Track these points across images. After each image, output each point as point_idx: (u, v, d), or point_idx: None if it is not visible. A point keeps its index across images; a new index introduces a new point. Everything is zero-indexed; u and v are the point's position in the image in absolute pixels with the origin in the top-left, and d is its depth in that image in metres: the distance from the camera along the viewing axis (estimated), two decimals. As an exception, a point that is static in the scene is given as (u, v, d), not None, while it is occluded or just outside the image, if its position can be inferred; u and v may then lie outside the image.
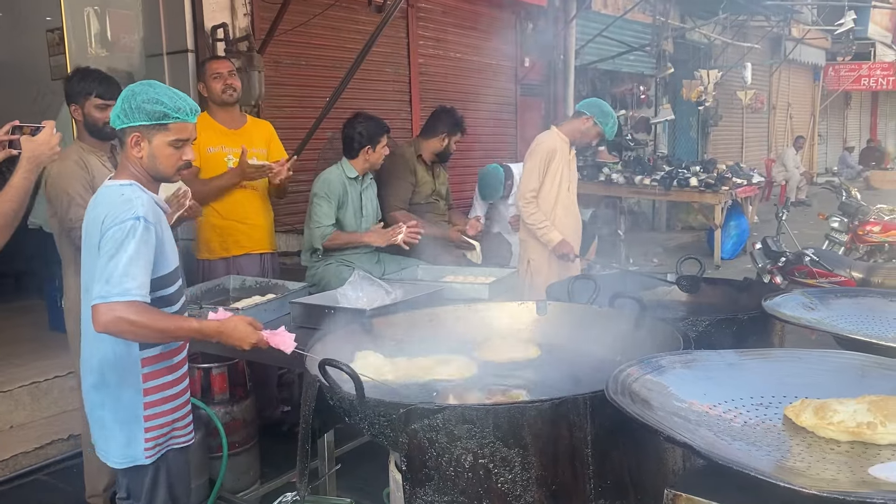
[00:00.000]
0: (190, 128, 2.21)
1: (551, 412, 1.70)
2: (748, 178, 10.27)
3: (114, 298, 1.99)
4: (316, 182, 3.96)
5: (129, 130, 2.16)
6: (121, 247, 2.03)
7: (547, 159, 4.23)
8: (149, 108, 2.13)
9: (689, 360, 1.87)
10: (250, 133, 4.05)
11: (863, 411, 1.57)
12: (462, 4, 7.48)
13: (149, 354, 2.21)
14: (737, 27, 12.07)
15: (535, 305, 2.63)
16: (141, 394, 2.20)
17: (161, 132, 2.16)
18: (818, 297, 2.75)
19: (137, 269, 2.04)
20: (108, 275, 2.02)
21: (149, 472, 2.26)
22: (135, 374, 2.19)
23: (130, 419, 2.21)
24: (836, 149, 22.03)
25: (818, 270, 5.39)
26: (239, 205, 3.96)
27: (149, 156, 2.18)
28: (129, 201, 2.11)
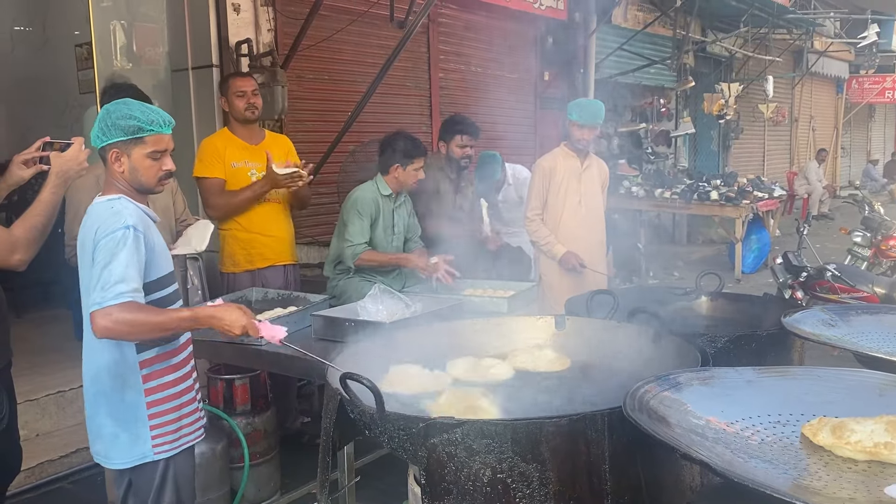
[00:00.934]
0: (166, 139, 2.30)
1: (569, 428, 1.72)
2: (769, 192, 10.20)
3: (108, 303, 2.08)
4: (350, 198, 3.97)
5: (109, 147, 2.26)
6: (113, 255, 2.13)
7: (545, 179, 4.30)
8: (123, 123, 2.22)
9: (706, 377, 1.88)
10: (270, 147, 4.12)
11: (880, 431, 1.57)
12: (482, 19, 7.54)
13: (146, 356, 2.28)
14: (758, 40, 12.03)
15: (553, 320, 2.65)
16: (142, 394, 2.27)
17: (138, 146, 2.25)
18: (838, 314, 2.74)
19: (130, 273, 2.13)
20: (103, 282, 2.10)
21: (158, 471, 2.31)
22: (134, 376, 2.26)
23: (133, 420, 2.27)
24: (859, 162, 21.80)
25: (840, 286, 5.35)
26: (262, 218, 4.04)
27: (130, 169, 2.27)
28: (118, 213, 2.20)
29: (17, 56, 7.47)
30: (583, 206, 4.34)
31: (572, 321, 2.66)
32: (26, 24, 7.56)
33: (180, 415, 2.35)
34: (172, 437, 2.32)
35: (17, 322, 5.69)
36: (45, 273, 5.65)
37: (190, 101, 5.40)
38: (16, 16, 7.58)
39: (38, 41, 7.42)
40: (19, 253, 2.41)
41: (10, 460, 2.82)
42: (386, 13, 5.67)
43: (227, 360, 3.28)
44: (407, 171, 3.96)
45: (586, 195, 4.36)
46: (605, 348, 2.45)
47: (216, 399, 3.33)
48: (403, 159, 3.95)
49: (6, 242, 2.39)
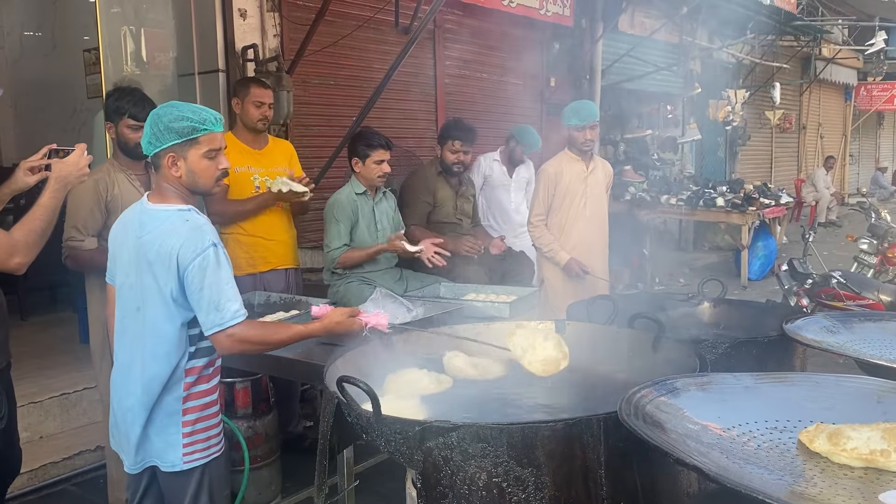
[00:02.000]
0: (219, 137, 2.29)
1: (565, 432, 1.72)
2: (776, 199, 10.17)
3: (229, 323, 2.16)
4: (327, 205, 4.01)
5: (163, 153, 2.23)
6: (213, 274, 2.18)
7: (551, 183, 4.29)
8: (177, 126, 2.19)
9: (704, 383, 1.88)
10: (273, 153, 4.16)
11: (876, 438, 1.57)
12: (488, 25, 7.55)
13: (194, 365, 2.29)
14: (765, 47, 12.01)
15: (553, 325, 2.65)
16: (181, 402, 2.27)
17: (194, 147, 2.23)
18: (841, 321, 2.73)
19: (232, 291, 2.21)
20: (215, 303, 2.16)
21: (194, 479, 2.30)
22: (178, 384, 2.27)
23: (168, 426, 2.27)
24: (868, 169, 21.70)
25: (845, 293, 5.32)
26: (264, 221, 4.06)
27: (187, 172, 2.24)
28: (198, 228, 2.21)
29: (26, 61, 7.53)
30: (588, 209, 4.35)
31: (573, 326, 2.66)
32: (35, 29, 7.62)
33: (209, 425, 2.35)
34: (202, 446, 2.31)
35: (22, 325, 5.75)
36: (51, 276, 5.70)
37: (196, 106, 5.43)
38: (25, 22, 7.65)
39: (46, 47, 7.48)
40: (18, 256, 2.42)
41: (10, 462, 2.83)
42: (391, 19, 5.71)
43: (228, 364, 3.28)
44: (367, 165, 3.96)
45: (591, 198, 4.36)
46: (604, 353, 2.45)
47: (218, 402, 3.33)
48: (361, 152, 3.97)
49: (6, 245, 2.40)
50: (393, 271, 4.05)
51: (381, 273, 3.96)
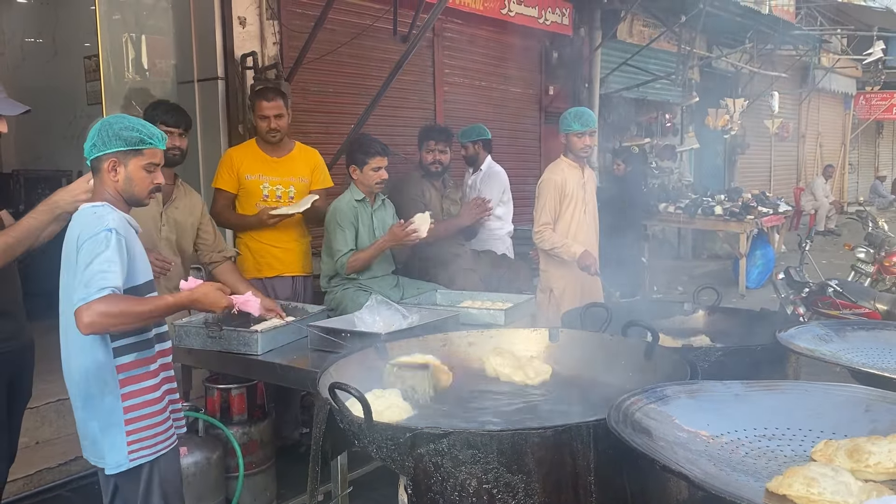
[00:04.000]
0: (160, 154, 2.40)
1: (554, 439, 1.73)
2: (774, 207, 10.19)
3: (91, 297, 2.12)
4: (328, 212, 4.02)
5: (105, 157, 2.33)
6: (95, 255, 2.18)
7: (558, 191, 4.30)
8: (126, 134, 2.32)
9: (694, 391, 1.89)
10: (294, 161, 4.20)
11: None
12: (487, 33, 7.59)
13: (123, 361, 2.31)
14: (764, 56, 12.05)
15: (547, 332, 2.66)
16: (119, 399, 2.30)
17: (136, 157, 2.34)
18: (834, 330, 2.74)
19: (112, 270, 2.18)
20: (87, 280, 2.15)
21: (142, 478, 2.34)
22: (112, 381, 2.30)
23: (112, 425, 2.31)
24: (867, 178, 21.75)
25: (842, 301, 5.34)
26: (275, 229, 4.09)
27: (125, 179, 2.35)
28: (100, 217, 2.27)
29: (27, 68, 7.56)
30: (587, 215, 4.39)
31: (566, 333, 2.67)
32: (36, 35, 7.65)
33: (155, 421, 2.37)
34: (149, 444, 2.34)
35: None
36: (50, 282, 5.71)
37: (196, 114, 5.45)
38: (26, 28, 7.68)
39: (47, 53, 7.51)
40: None
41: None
42: (390, 27, 5.72)
43: (224, 370, 3.30)
44: (364, 172, 3.98)
45: (589, 204, 4.42)
46: (597, 361, 2.46)
47: (213, 408, 3.34)
48: (358, 159, 3.99)
49: None
50: (390, 278, 4.07)
51: (378, 280, 3.98)
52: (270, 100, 4.09)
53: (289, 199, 4.14)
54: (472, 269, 4.48)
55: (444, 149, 4.60)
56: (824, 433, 1.74)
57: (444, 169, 4.65)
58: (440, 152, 4.57)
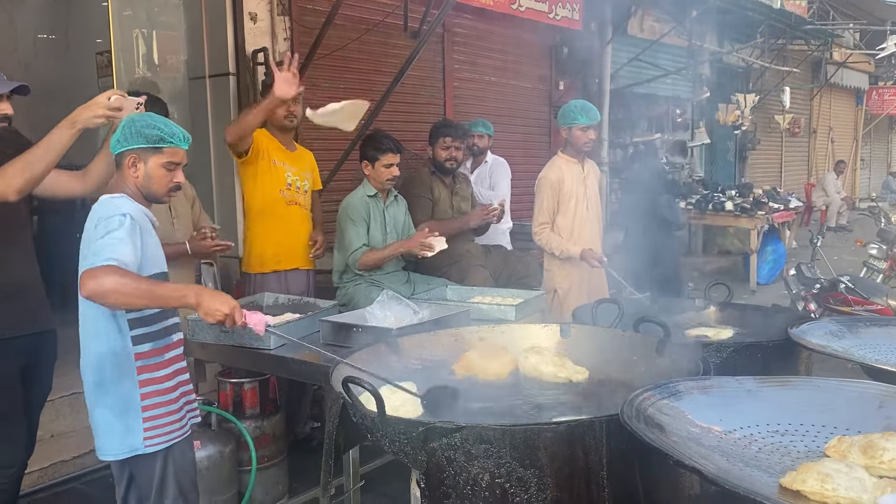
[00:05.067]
0: (181, 153, 2.44)
1: (567, 434, 1.73)
2: (785, 203, 10.15)
3: (98, 264, 2.14)
4: (341, 208, 4.05)
5: (127, 153, 2.39)
6: (108, 232, 2.22)
7: (555, 190, 4.29)
8: (147, 132, 2.37)
9: (706, 386, 1.89)
10: (303, 158, 4.28)
11: None
12: (497, 29, 7.57)
13: (141, 350, 2.36)
14: (776, 51, 11.98)
15: (558, 328, 2.67)
16: (137, 386, 2.35)
17: (156, 155, 2.39)
18: (847, 326, 2.74)
19: (124, 249, 2.20)
20: (97, 250, 2.18)
21: (157, 465, 2.38)
22: (130, 367, 2.35)
23: (128, 410, 2.35)
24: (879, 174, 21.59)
25: (853, 298, 5.32)
26: (291, 221, 4.14)
27: (144, 176, 2.40)
28: (117, 206, 2.32)
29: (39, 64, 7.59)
30: (590, 211, 4.36)
31: (577, 329, 2.67)
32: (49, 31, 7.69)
33: (170, 409, 2.42)
34: (164, 431, 2.38)
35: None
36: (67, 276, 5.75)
37: (207, 109, 5.47)
38: (39, 25, 7.72)
39: (60, 49, 7.54)
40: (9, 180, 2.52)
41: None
42: (400, 23, 5.73)
43: (236, 364, 3.32)
44: (377, 168, 4.01)
45: (591, 200, 4.38)
46: (609, 356, 2.46)
47: (225, 402, 3.37)
48: (370, 156, 4.02)
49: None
50: (401, 274, 4.08)
51: (389, 276, 3.99)
52: None
53: (304, 192, 4.17)
54: (482, 265, 4.48)
55: (460, 145, 4.61)
56: (837, 429, 1.74)
57: (457, 165, 4.65)
58: (456, 149, 4.58)
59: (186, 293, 2.27)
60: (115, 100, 2.58)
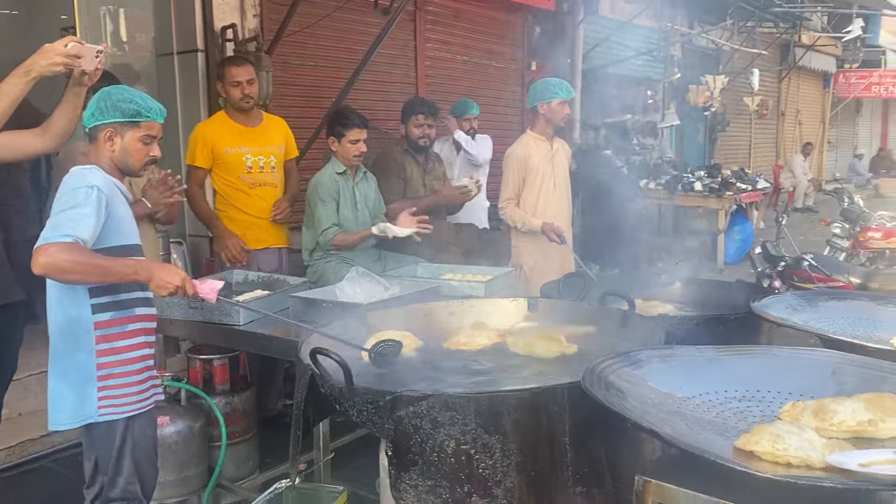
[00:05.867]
0: (157, 127, 2.44)
1: (531, 401, 1.77)
2: (753, 184, 10.30)
3: (54, 239, 2.14)
4: (310, 186, 4.05)
5: (103, 126, 2.38)
6: (72, 205, 2.21)
7: (521, 166, 4.32)
8: (123, 106, 2.37)
9: (667, 355, 1.93)
10: (268, 130, 4.23)
11: (861, 410, 1.60)
12: (470, 7, 7.56)
13: (101, 319, 2.34)
14: (745, 33, 12.09)
15: (526, 302, 2.71)
16: (94, 355, 2.33)
17: (133, 129, 2.39)
18: (806, 300, 2.81)
19: (84, 223, 2.19)
20: (55, 223, 2.18)
21: (116, 436, 2.36)
22: (87, 337, 2.33)
23: (83, 380, 2.33)
24: (845, 156, 21.96)
25: (817, 275, 5.43)
26: (259, 201, 4.15)
27: (120, 150, 2.40)
28: (84, 176, 2.29)
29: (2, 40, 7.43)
30: (557, 189, 4.40)
31: (545, 303, 2.71)
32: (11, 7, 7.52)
33: (130, 381, 2.39)
34: (121, 402, 2.37)
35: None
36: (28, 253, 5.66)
37: (175, 86, 5.41)
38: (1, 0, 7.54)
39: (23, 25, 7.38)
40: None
41: None
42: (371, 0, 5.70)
43: (206, 341, 3.32)
44: (343, 145, 4.00)
45: (559, 177, 4.42)
46: (575, 329, 2.50)
47: (195, 379, 3.36)
48: (337, 131, 4.01)
49: None
50: (371, 251, 4.09)
51: (359, 253, 3.99)
52: (240, 65, 4.12)
53: (270, 168, 4.16)
54: (453, 243, 4.51)
55: (433, 123, 4.62)
56: (792, 395, 1.79)
57: (431, 143, 4.67)
58: (428, 126, 4.58)
59: (137, 268, 2.30)
60: (72, 47, 2.53)
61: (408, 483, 1.83)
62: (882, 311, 2.71)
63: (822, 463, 1.41)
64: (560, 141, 4.57)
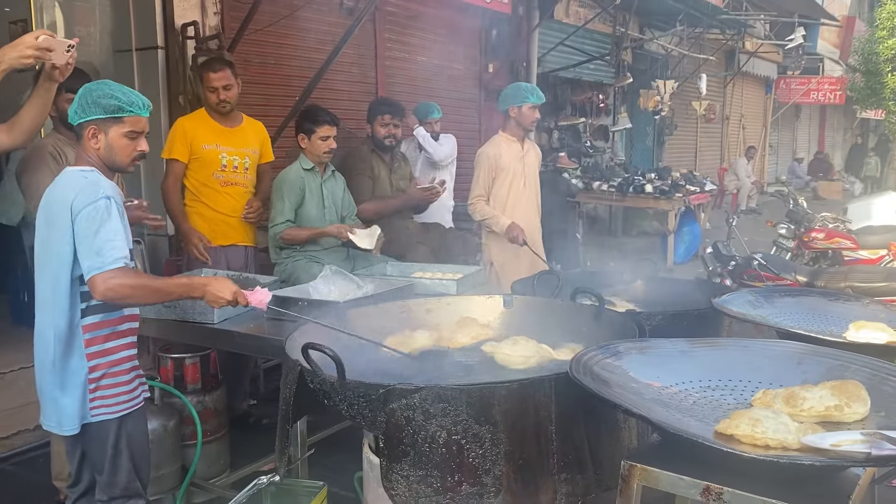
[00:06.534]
0: (143, 121, 2.41)
1: (519, 392, 1.85)
2: (701, 186, 10.60)
3: (108, 267, 2.20)
4: (274, 182, 4.10)
5: (86, 124, 2.35)
6: (101, 223, 2.24)
7: (491, 165, 4.43)
8: (104, 102, 2.33)
9: (644, 347, 2.04)
10: (246, 133, 4.24)
11: (828, 396, 1.72)
12: (428, 10, 7.61)
13: (90, 321, 2.35)
14: (693, 39, 12.43)
15: (501, 299, 2.78)
16: (84, 359, 2.34)
17: (116, 124, 2.36)
18: (764, 296, 2.96)
19: (120, 241, 2.26)
20: (98, 248, 2.21)
21: (110, 436, 2.36)
22: (77, 341, 2.34)
23: (76, 385, 2.33)
24: (786, 159, 22.70)
25: (766, 274, 5.64)
26: (230, 199, 4.16)
27: (106, 147, 2.37)
28: (94, 184, 2.30)
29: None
30: (527, 188, 4.52)
31: (519, 300, 2.79)
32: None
33: (120, 381, 2.40)
34: (114, 402, 2.37)
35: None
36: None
37: (133, 84, 5.32)
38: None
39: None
40: None
41: None
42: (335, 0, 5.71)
43: (180, 339, 3.31)
44: (313, 141, 4.04)
45: (529, 178, 4.54)
46: (550, 324, 2.58)
47: (166, 377, 3.35)
48: (307, 128, 4.06)
49: None
50: (340, 250, 4.12)
51: (328, 252, 4.03)
52: (217, 70, 4.09)
53: (244, 169, 4.18)
54: (421, 241, 4.57)
55: (398, 123, 4.67)
56: (762, 384, 1.91)
57: (396, 142, 4.71)
58: (394, 126, 4.64)
59: (191, 286, 2.43)
60: (43, 39, 2.48)
61: (399, 474, 1.88)
62: (833, 306, 2.89)
63: (798, 444, 1.52)
64: (531, 142, 4.68)
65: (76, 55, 2.69)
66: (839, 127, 27.92)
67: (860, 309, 2.81)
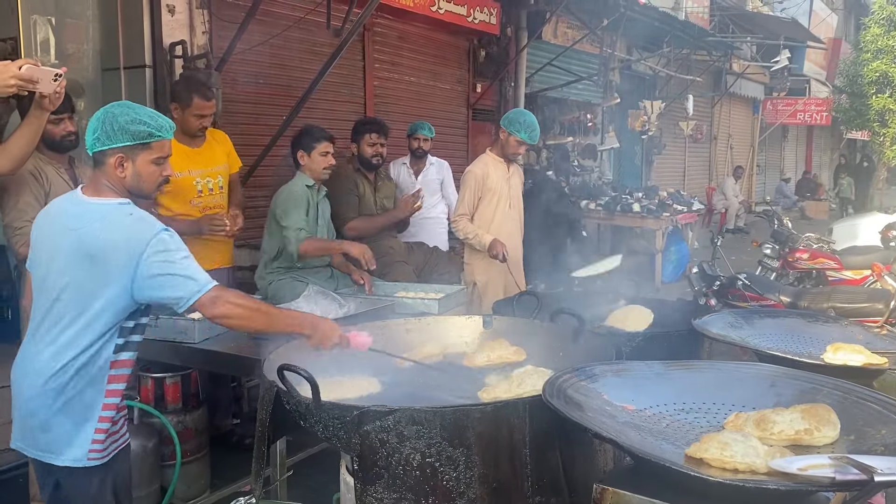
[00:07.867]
0: (168, 145, 2.30)
1: (493, 415, 1.85)
2: (689, 206, 10.68)
3: (207, 286, 2.15)
4: (281, 193, 4.05)
5: (112, 152, 2.20)
6: (177, 254, 2.17)
7: (478, 185, 4.46)
8: (133, 128, 2.19)
9: (619, 370, 2.05)
10: (212, 148, 4.18)
11: (798, 420, 1.73)
12: (417, 30, 7.68)
13: (123, 357, 2.26)
14: (680, 60, 12.57)
15: (481, 319, 2.79)
16: (102, 395, 2.24)
17: (144, 151, 2.22)
18: (744, 317, 2.97)
19: (199, 266, 2.20)
20: (188, 275, 2.15)
21: (95, 480, 2.26)
22: (101, 376, 2.23)
23: (87, 420, 2.23)
24: (773, 179, 22.90)
25: (750, 294, 5.68)
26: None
27: (132, 175, 2.23)
28: (144, 219, 2.20)
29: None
30: (512, 209, 4.55)
31: (498, 320, 2.80)
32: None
33: (117, 417, 2.34)
34: (109, 442, 2.29)
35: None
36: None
37: (121, 101, 5.35)
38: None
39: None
40: None
41: None
42: (323, 20, 5.74)
43: (160, 359, 3.30)
44: (313, 157, 4.07)
45: (514, 199, 4.58)
46: (529, 345, 2.60)
47: (147, 397, 3.34)
48: (307, 144, 4.08)
49: None
50: (325, 270, 4.13)
51: (313, 271, 4.03)
52: (209, 99, 4.06)
53: (219, 189, 4.13)
54: (405, 261, 4.58)
55: (384, 142, 4.71)
56: (735, 406, 1.92)
57: (382, 161, 4.75)
58: (381, 145, 4.68)
59: (303, 322, 2.30)
60: (26, 69, 2.43)
61: (373, 496, 1.87)
62: (812, 328, 2.91)
63: (766, 468, 1.53)
64: (516, 165, 4.73)
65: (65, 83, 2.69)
66: (826, 147, 28.21)
67: (839, 331, 2.83)
